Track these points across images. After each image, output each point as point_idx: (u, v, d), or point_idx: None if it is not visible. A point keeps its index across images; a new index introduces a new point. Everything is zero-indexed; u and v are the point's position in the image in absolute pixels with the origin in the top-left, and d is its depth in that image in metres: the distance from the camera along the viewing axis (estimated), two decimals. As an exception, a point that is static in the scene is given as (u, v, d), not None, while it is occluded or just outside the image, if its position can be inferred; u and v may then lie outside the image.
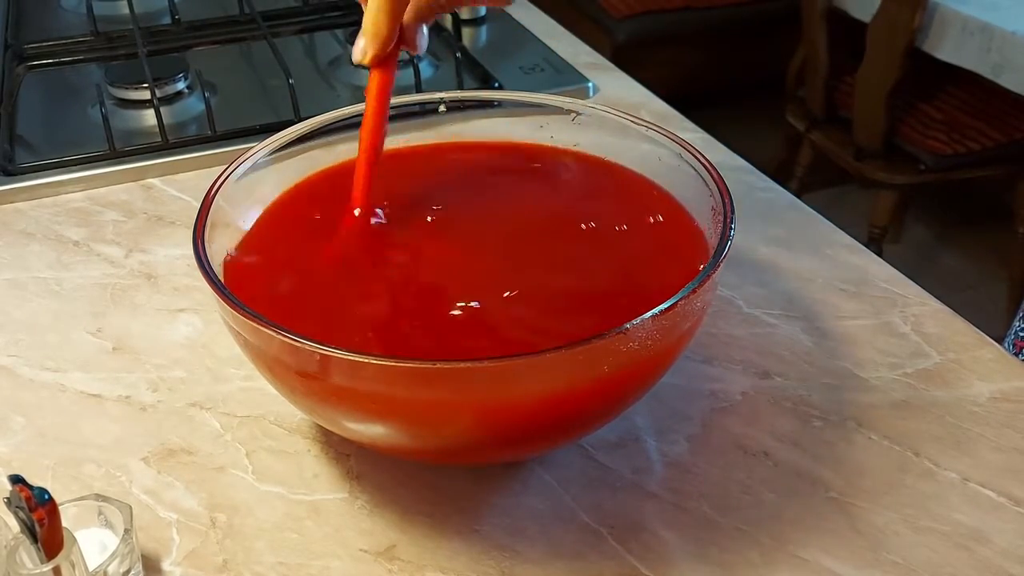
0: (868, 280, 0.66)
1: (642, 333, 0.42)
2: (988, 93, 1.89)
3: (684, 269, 0.49)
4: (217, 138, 0.81)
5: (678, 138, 0.55)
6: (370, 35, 0.47)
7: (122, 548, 0.42)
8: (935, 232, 2.36)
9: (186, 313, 0.64)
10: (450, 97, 0.61)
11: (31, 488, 0.38)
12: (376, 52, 0.47)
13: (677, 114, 0.87)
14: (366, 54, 0.47)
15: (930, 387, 0.57)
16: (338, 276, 0.51)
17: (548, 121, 0.60)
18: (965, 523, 0.48)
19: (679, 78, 2.36)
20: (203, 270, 0.46)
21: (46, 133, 0.84)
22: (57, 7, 1.07)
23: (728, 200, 0.50)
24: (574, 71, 0.91)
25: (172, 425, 0.55)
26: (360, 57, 0.48)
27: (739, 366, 0.58)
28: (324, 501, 0.50)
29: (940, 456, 0.52)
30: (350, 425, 0.47)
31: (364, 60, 0.48)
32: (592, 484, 0.51)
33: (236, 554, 0.47)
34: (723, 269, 0.46)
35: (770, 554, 0.47)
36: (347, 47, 0.94)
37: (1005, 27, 1.67)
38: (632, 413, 0.55)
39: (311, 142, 0.58)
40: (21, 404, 0.56)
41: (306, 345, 0.41)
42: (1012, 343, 0.75)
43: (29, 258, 0.69)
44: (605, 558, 0.47)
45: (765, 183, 0.77)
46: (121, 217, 0.74)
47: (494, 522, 0.49)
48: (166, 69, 0.87)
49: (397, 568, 0.47)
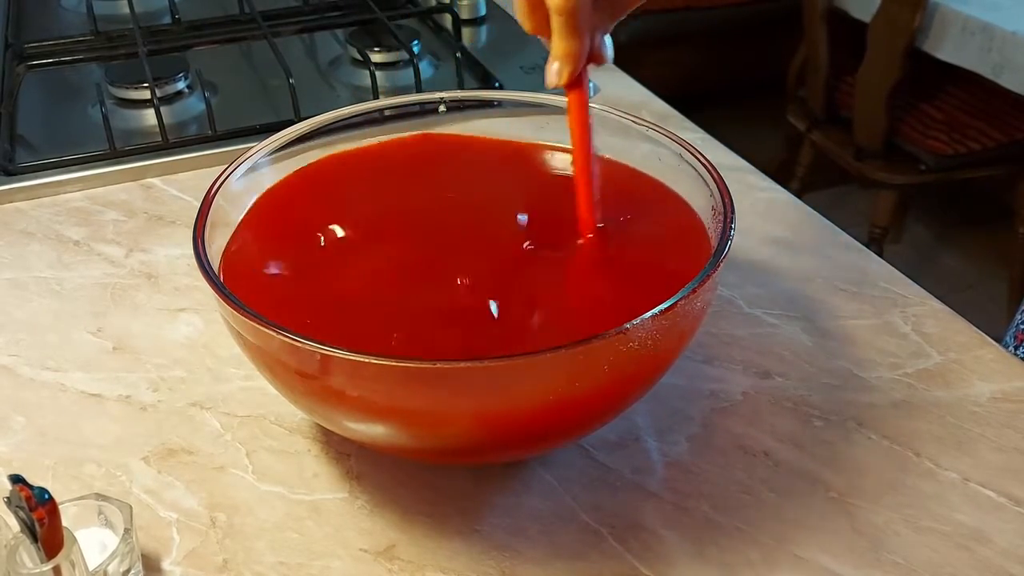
0: (868, 280, 0.66)
1: (642, 333, 0.42)
2: (988, 93, 1.89)
3: (684, 269, 0.49)
4: (217, 138, 0.81)
5: (678, 138, 0.55)
6: (562, 57, 0.47)
7: (122, 548, 0.42)
8: (935, 232, 2.36)
9: (186, 313, 0.64)
10: (450, 97, 0.61)
11: (31, 488, 0.38)
12: (571, 71, 0.48)
13: (677, 114, 0.87)
14: (562, 76, 0.48)
15: (930, 387, 0.57)
16: (338, 276, 0.51)
17: (548, 121, 0.60)
18: (966, 523, 0.48)
19: (679, 78, 2.35)
20: (203, 270, 0.46)
21: (46, 133, 0.84)
22: (57, 7, 1.07)
23: (728, 200, 0.50)
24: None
25: (172, 425, 0.55)
26: (556, 80, 0.48)
27: (739, 366, 0.58)
28: (324, 501, 0.50)
29: (940, 456, 0.52)
30: (350, 425, 0.47)
31: (560, 83, 0.48)
32: (592, 484, 0.51)
33: (236, 554, 0.47)
34: (723, 269, 0.46)
35: (770, 554, 0.47)
36: (347, 47, 0.94)
37: (1005, 27, 1.67)
38: (632, 413, 0.55)
39: (311, 142, 0.58)
40: (21, 404, 0.56)
41: (306, 345, 0.41)
42: (1014, 335, 0.75)
43: (29, 258, 0.69)
44: (605, 558, 0.47)
45: (765, 183, 0.77)
46: (121, 217, 0.74)
47: (494, 522, 0.49)
48: (166, 69, 0.87)
49: (397, 568, 0.47)
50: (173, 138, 0.81)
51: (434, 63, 0.94)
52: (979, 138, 1.88)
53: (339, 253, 0.53)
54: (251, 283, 0.49)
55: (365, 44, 0.92)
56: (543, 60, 0.49)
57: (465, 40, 0.99)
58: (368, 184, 0.58)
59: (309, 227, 0.55)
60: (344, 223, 0.55)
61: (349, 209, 0.56)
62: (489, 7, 1.05)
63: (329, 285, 0.51)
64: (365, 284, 0.51)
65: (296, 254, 0.53)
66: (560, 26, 0.46)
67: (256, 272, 0.51)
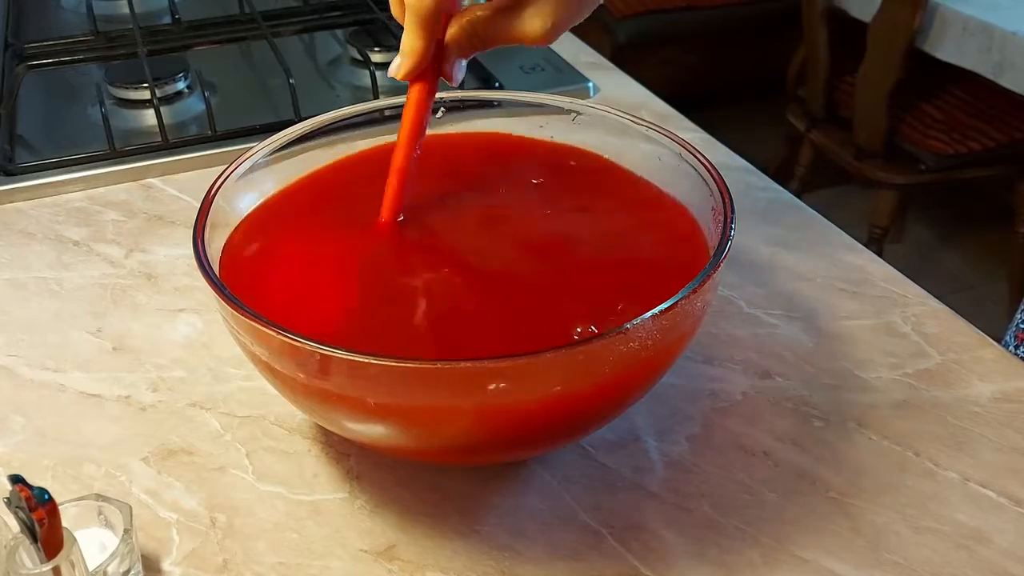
0: (868, 280, 0.66)
1: (642, 333, 0.42)
2: (989, 93, 1.89)
3: (684, 269, 0.49)
4: (217, 138, 0.81)
5: (678, 138, 0.55)
6: (405, 53, 0.50)
7: (122, 548, 0.42)
8: (935, 232, 2.36)
9: (186, 313, 0.64)
10: (450, 97, 0.61)
11: (31, 488, 0.38)
12: (409, 68, 0.50)
13: (677, 114, 0.87)
14: (399, 70, 0.50)
15: (930, 387, 0.57)
16: (338, 276, 0.51)
17: (548, 121, 0.60)
18: (966, 523, 0.48)
19: (679, 78, 2.36)
20: (203, 270, 0.46)
21: (46, 133, 0.84)
22: (57, 7, 1.07)
23: (728, 200, 0.50)
24: (574, 71, 0.91)
25: (172, 425, 0.55)
26: (393, 72, 0.51)
27: (739, 366, 0.58)
28: (324, 501, 0.50)
29: (940, 456, 0.52)
30: (350, 425, 0.47)
31: (398, 75, 0.51)
32: (592, 484, 0.51)
33: (236, 554, 0.47)
34: (723, 269, 0.46)
35: (770, 554, 0.47)
36: (347, 47, 0.94)
37: (1006, 27, 1.67)
38: (632, 413, 0.55)
39: (311, 142, 0.58)
40: (21, 404, 0.56)
41: (306, 345, 0.41)
42: (1014, 335, 0.75)
43: (29, 258, 0.69)
44: (605, 558, 0.47)
45: (765, 183, 0.77)
46: (121, 217, 0.74)
47: (494, 522, 0.49)
48: (166, 69, 0.87)
49: (397, 568, 0.47)
50: (173, 138, 0.81)
51: (434, 63, 0.94)
52: (979, 138, 1.88)
53: (340, 253, 0.53)
54: (251, 283, 0.49)
55: (365, 44, 0.92)
56: (543, 60, 0.49)
57: (465, 40, 0.99)
58: (369, 186, 0.58)
59: (309, 227, 0.55)
60: (345, 224, 0.55)
61: (350, 210, 0.56)
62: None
63: (330, 285, 0.51)
64: (365, 284, 0.51)
65: (296, 254, 0.53)
66: (410, 23, 0.49)
67: (256, 272, 0.51)
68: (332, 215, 0.56)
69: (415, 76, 0.50)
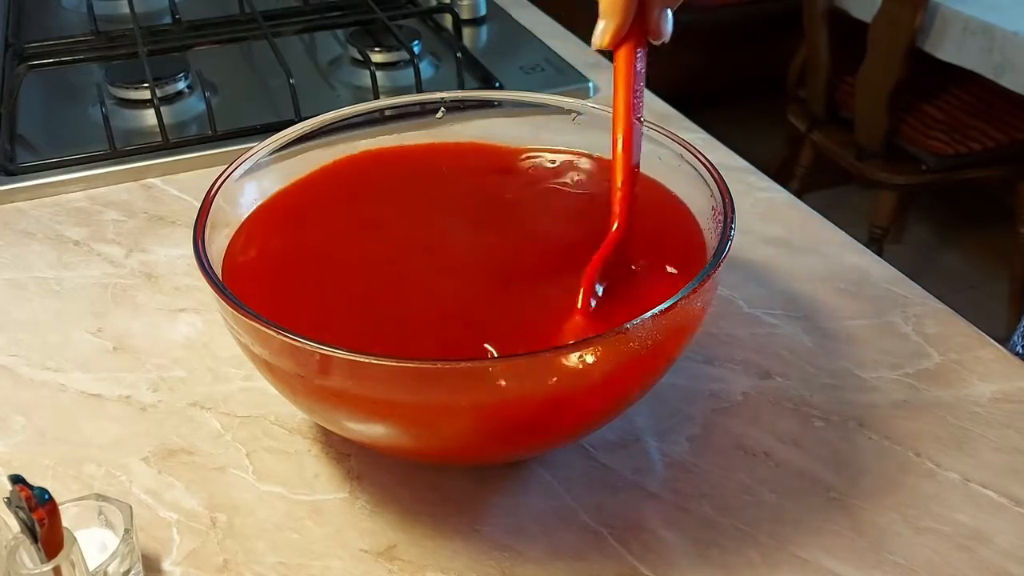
0: (869, 280, 0.65)
1: (642, 333, 0.42)
2: (989, 93, 1.89)
3: (684, 269, 0.49)
4: (217, 138, 0.81)
5: (678, 138, 0.55)
6: (607, 13, 0.44)
7: (122, 548, 0.42)
8: (936, 232, 2.36)
9: (186, 313, 0.64)
10: (450, 97, 0.61)
11: (31, 488, 0.38)
12: (615, 30, 0.44)
13: (677, 114, 0.87)
14: (605, 34, 0.45)
15: (931, 387, 0.57)
16: (339, 276, 0.51)
17: (548, 121, 0.60)
18: (966, 523, 0.48)
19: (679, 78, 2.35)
20: (203, 270, 0.46)
21: (46, 133, 0.84)
22: (57, 7, 1.07)
23: (728, 200, 0.50)
24: (574, 71, 0.91)
25: (172, 425, 0.55)
26: (599, 39, 0.45)
27: (740, 366, 0.58)
28: (324, 501, 0.50)
29: (941, 456, 0.52)
30: (350, 425, 0.47)
31: (604, 41, 0.45)
32: (593, 484, 0.51)
33: (236, 554, 0.47)
34: (723, 269, 0.46)
35: (771, 554, 0.47)
36: (347, 47, 0.94)
37: (1007, 27, 1.67)
38: (633, 413, 0.55)
39: (311, 142, 0.58)
40: (21, 404, 0.56)
41: (306, 345, 0.41)
42: (1021, 335, 0.75)
43: (29, 258, 0.69)
44: (605, 558, 0.47)
45: (765, 183, 0.77)
46: (121, 217, 0.74)
47: (495, 522, 0.49)
48: (166, 69, 0.87)
49: (397, 568, 0.47)
50: (173, 138, 0.81)
51: (434, 63, 0.94)
52: (980, 138, 1.88)
53: (340, 254, 0.53)
54: (251, 283, 0.49)
55: (365, 44, 0.92)
56: (543, 60, 0.49)
57: (465, 40, 0.99)
58: (369, 186, 0.58)
59: (310, 228, 0.55)
60: (345, 224, 0.55)
61: (350, 211, 0.56)
62: (489, 7, 1.05)
63: (330, 286, 0.51)
64: (366, 285, 0.51)
65: (296, 254, 0.53)
66: None
67: (256, 272, 0.51)
68: (332, 215, 0.56)
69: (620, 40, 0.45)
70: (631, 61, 0.46)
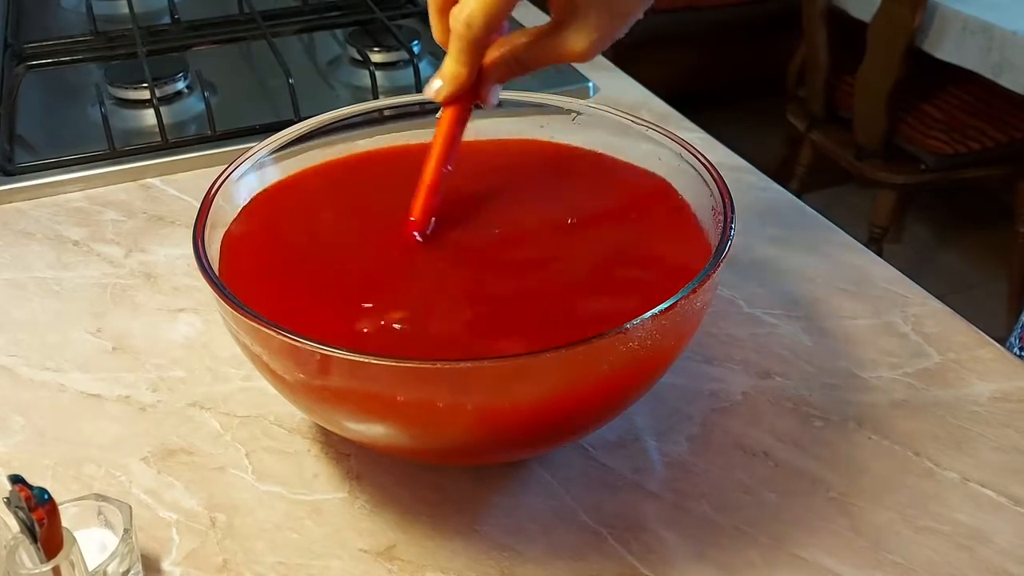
0: (868, 280, 0.66)
1: (642, 333, 0.42)
2: (989, 93, 1.89)
3: (684, 269, 0.49)
4: (217, 138, 0.81)
5: (678, 138, 0.55)
6: (447, 78, 0.49)
7: (122, 548, 0.42)
8: (935, 232, 2.36)
9: (186, 313, 0.64)
10: (450, 97, 0.61)
11: (31, 488, 0.38)
12: (449, 94, 0.50)
13: (677, 114, 0.87)
14: (440, 93, 0.50)
15: (930, 387, 0.57)
16: (338, 275, 0.51)
17: (548, 121, 0.60)
18: (966, 523, 0.48)
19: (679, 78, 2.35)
20: (203, 270, 0.46)
21: (46, 133, 0.84)
22: (57, 7, 1.07)
23: (728, 200, 0.50)
24: (574, 71, 0.91)
25: (172, 425, 0.55)
26: (432, 95, 0.50)
27: (739, 366, 0.58)
28: (324, 501, 0.50)
29: (940, 456, 0.52)
30: (350, 425, 0.47)
31: (437, 98, 0.50)
32: (592, 484, 0.51)
33: (236, 554, 0.47)
34: (723, 269, 0.46)
35: (770, 554, 0.47)
36: (347, 47, 0.94)
37: (1006, 27, 1.67)
38: (632, 413, 0.55)
39: (311, 142, 0.58)
40: (21, 404, 0.56)
41: (306, 345, 0.41)
42: (1019, 336, 0.75)
43: (29, 258, 0.69)
44: (605, 558, 0.47)
45: (765, 183, 0.77)
46: (121, 217, 0.74)
47: (494, 522, 0.49)
48: (166, 69, 0.87)
49: (397, 568, 0.47)
50: (173, 138, 0.81)
51: (434, 63, 0.94)
52: (979, 138, 1.88)
53: (340, 253, 0.53)
54: (250, 283, 0.49)
55: (365, 44, 0.92)
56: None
57: (465, 40, 0.99)
58: (369, 187, 0.58)
59: (309, 227, 0.55)
60: (344, 224, 0.55)
61: (349, 210, 0.56)
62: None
63: (329, 285, 0.50)
64: (365, 284, 0.51)
65: (296, 254, 0.53)
66: (455, 50, 0.48)
67: (255, 272, 0.51)
68: (332, 215, 0.56)
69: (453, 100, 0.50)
70: (456, 120, 0.51)
